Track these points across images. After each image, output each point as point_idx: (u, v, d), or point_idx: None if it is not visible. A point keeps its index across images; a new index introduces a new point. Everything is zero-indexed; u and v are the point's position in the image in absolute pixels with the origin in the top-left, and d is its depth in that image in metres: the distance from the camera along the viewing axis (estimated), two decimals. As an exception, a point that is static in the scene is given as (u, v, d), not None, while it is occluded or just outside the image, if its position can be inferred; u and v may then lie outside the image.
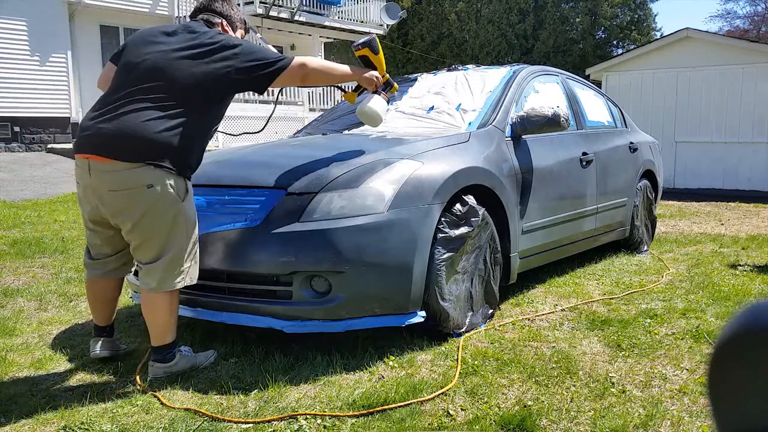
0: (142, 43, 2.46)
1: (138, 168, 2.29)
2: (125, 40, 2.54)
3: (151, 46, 2.43)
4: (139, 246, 2.43)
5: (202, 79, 2.39)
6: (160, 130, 2.30)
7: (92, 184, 2.37)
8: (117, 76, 2.45)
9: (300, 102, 13.16)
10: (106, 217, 2.44)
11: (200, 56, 2.41)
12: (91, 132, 2.33)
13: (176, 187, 2.38)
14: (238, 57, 2.45)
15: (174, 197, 2.38)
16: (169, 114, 2.34)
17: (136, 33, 2.56)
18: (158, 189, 2.32)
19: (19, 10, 12.02)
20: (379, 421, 2.13)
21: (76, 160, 2.42)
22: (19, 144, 12.24)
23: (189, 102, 2.39)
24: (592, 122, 4.63)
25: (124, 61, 2.46)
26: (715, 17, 60.76)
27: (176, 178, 2.39)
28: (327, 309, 2.61)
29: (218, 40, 2.47)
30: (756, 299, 3.71)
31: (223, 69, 2.42)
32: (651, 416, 2.17)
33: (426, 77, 4.40)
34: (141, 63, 2.39)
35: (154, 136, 2.29)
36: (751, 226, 6.88)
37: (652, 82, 11.01)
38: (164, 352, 2.52)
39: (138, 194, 2.31)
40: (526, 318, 3.31)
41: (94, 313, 2.72)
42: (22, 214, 6.45)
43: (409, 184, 2.77)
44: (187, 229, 2.46)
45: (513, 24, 24.17)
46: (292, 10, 15.68)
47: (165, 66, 2.37)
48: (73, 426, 2.12)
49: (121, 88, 2.38)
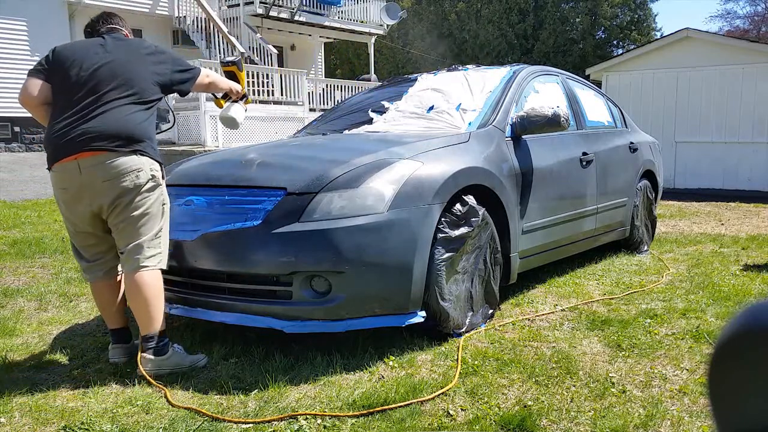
0: (84, 57, 2.59)
1: (126, 156, 2.50)
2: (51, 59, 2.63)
3: (97, 57, 2.59)
4: (125, 229, 2.55)
5: (152, 79, 2.65)
6: (140, 122, 2.56)
7: (84, 181, 2.49)
8: (72, 88, 2.55)
9: (300, 102, 13.16)
10: (100, 213, 2.55)
11: (146, 58, 2.68)
12: (72, 135, 2.48)
13: (159, 171, 2.62)
14: (170, 62, 2.75)
15: (158, 181, 2.61)
16: (141, 108, 2.59)
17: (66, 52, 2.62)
18: (146, 174, 2.55)
19: (19, 10, 12.03)
20: (379, 421, 2.13)
21: (57, 167, 2.52)
22: (19, 144, 12.25)
23: (149, 97, 2.64)
24: (592, 122, 4.63)
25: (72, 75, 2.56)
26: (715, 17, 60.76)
27: (157, 164, 2.61)
28: (327, 309, 2.61)
29: (151, 45, 2.77)
30: (756, 299, 3.71)
31: (164, 69, 2.71)
32: (651, 416, 2.17)
33: (426, 77, 4.40)
34: (97, 71, 2.56)
35: (136, 127, 2.54)
36: (751, 226, 6.88)
37: (652, 82, 11.01)
38: (156, 342, 2.57)
39: (129, 180, 2.50)
40: (526, 318, 3.31)
41: (106, 318, 2.76)
42: (22, 214, 6.45)
43: (409, 184, 2.77)
44: (165, 212, 2.66)
45: (513, 24, 24.17)
46: (292, 10, 15.68)
47: (123, 69, 2.59)
48: (73, 426, 2.12)
49: (87, 95, 2.53)
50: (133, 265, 2.54)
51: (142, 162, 2.53)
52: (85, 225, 2.60)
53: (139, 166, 2.52)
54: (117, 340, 2.75)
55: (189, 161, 3.48)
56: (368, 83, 14.47)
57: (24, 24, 12.13)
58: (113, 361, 2.72)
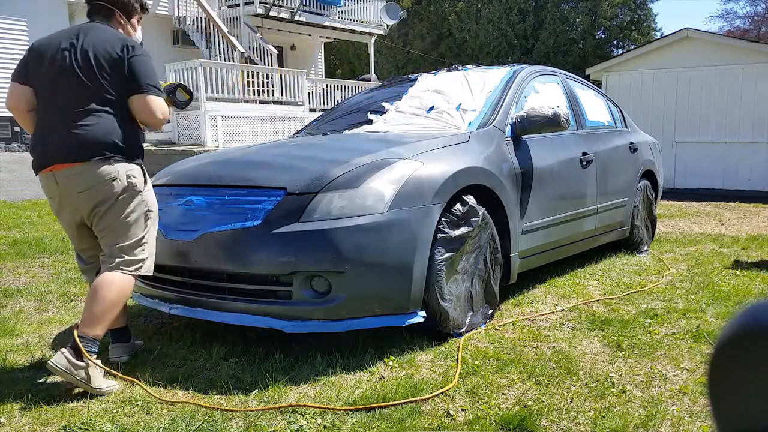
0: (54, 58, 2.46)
1: (99, 165, 2.42)
2: (27, 60, 2.54)
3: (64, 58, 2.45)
4: (106, 236, 2.51)
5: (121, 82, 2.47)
6: (109, 127, 2.44)
7: (62, 192, 2.47)
8: (44, 93, 2.48)
9: (300, 102, 13.16)
10: (83, 221, 2.53)
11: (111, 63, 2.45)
12: (46, 146, 2.44)
13: (137, 176, 2.53)
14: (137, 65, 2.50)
15: (136, 187, 2.52)
16: (110, 112, 2.45)
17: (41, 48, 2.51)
18: (121, 182, 2.47)
19: (19, 10, 12.03)
20: (379, 421, 2.13)
21: (40, 177, 2.51)
22: (19, 144, 12.25)
23: (119, 98, 2.48)
24: (592, 122, 4.63)
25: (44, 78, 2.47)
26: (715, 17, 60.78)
27: (135, 169, 2.53)
28: (327, 309, 2.61)
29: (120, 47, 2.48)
30: (756, 299, 3.71)
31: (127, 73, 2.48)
32: (651, 416, 2.17)
33: (426, 77, 4.40)
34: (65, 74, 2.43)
35: (105, 133, 2.43)
36: (751, 226, 6.88)
37: (652, 82, 11.01)
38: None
39: (104, 190, 2.44)
40: (526, 318, 3.31)
41: None
42: (22, 214, 6.45)
43: (409, 184, 2.77)
44: (147, 217, 2.57)
45: (513, 24, 24.17)
46: (292, 10, 15.68)
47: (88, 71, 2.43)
48: (73, 426, 2.12)
49: (57, 101, 2.45)
50: (111, 266, 2.50)
51: (116, 169, 2.45)
52: (73, 231, 2.61)
53: (112, 174, 2.44)
54: (116, 339, 2.75)
55: (189, 161, 3.48)
56: (368, 83, 14.47)
57: (24, 24, 12.13)
58: (113, 360, 2.72)
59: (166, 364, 2.71)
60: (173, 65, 11.52)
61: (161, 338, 3.06)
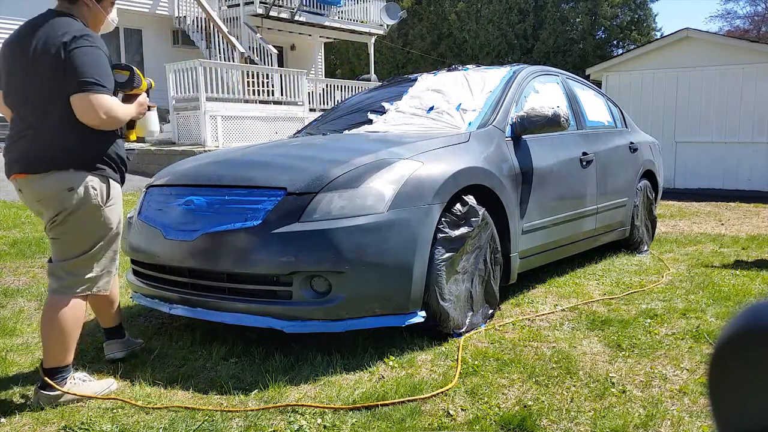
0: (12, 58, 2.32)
1: (56, 174, 2.27)
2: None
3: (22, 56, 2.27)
4: (54, 245, 2.38)
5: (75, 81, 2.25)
6: (65, 135, 2.26)
7: (25, 199, 2.41)
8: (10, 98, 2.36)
9: (300, 102, 13.16)
10: None
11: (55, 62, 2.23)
12: (9, 154, 2.34)
13: (98, 190, 2.34)
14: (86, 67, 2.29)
15: (93, 200, 2.33)
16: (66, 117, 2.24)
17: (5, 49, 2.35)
18: (79, 192, 2.29)
19: (19, 10, 12.03)
20: (379, 420, 2.13)
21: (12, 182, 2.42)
22: (19, 144, 12.25)
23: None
24: (592, 122, 4.63)
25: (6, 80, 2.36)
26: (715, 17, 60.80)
27: (99, 182, 2.34)
28: (327, 309, 2.61)
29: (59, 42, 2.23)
30: (756, 299, 3.71)
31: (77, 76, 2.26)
32: (651, 416, 2.17)
33: (426, 77, 4.40)
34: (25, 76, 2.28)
35: (61, 143, 2.26)
36: (751, 226, 6.88)
37: (652, 82, 11.01)
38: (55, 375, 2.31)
39: (60, 198, 2.28)
40: (526, 318, 3.31)
41: (100, 319, 2.74)
42: (22, 214, 6.44)
43: (409, 184, 2.77)
44: (102, 236, 2.39)
45: (513, 24, 24.16)
46: (292, 10, 15.68)
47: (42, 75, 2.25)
48: (73, 426, 2.12)
49: (17, 106, 2.32)
50: (54, 285, 2.36)
51: (75, 179, 2.27)
52: None
53: (70, 184, 2.27)
54: (111, 336, 2.74)
55: (189, 161, 3.48)
56: (368, 83, 14.47)
57: (24, 24, 12.13)
58: (110, 357, 2.71)
59: (166, 364, 2.71)
60: (173, 65, 11.53)
61: (161, 338, 3.06)
